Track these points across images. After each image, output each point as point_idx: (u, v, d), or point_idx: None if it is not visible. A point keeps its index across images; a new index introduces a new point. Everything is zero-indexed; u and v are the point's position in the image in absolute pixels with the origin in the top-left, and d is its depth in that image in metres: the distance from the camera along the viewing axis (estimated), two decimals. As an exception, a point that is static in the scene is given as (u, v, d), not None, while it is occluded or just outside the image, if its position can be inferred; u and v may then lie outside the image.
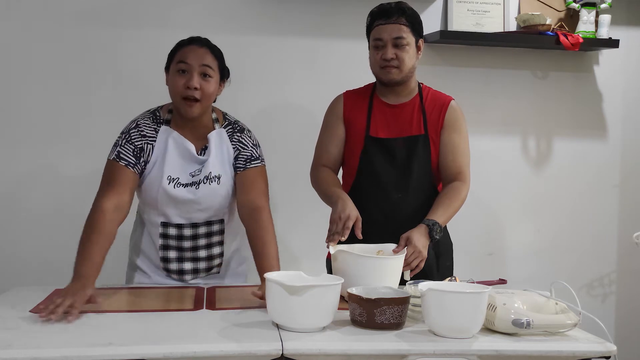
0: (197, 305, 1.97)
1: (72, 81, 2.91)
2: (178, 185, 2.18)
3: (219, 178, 2.21)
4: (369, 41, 2.37)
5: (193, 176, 2.19)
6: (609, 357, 1.71)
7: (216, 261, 2.31)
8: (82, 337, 1.64)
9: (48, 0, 2.87)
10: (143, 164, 2.18)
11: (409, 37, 2.29)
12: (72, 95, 2.91)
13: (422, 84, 2.44)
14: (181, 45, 2.20)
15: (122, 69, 2.94)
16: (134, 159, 2.16)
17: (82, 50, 2.91)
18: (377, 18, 2.33)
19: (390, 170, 2.35)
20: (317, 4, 3.05)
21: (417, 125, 2.36)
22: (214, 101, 2.25)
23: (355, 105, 2.41)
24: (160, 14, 2.95)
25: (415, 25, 2.32)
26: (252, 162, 2.25)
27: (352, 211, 2.13)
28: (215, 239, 2.28)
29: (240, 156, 2.24)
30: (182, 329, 1.72)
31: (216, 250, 2.30)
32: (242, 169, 2.24)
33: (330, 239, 2.10)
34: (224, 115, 2.31)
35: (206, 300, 2.04)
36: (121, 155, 2.16)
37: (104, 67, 2.93)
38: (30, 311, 1.86)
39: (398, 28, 2.28)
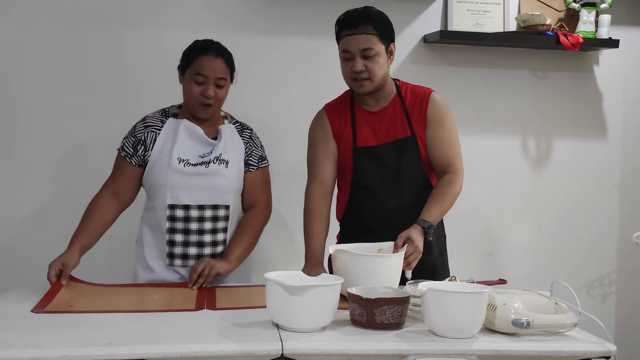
0: (198, 305, 1.97)
1: (72, 81, 2.91)
2: (188, 165, 2.30)
3: (227, 162, 2.33)
4: (339, 49, 2.30)
5: (203, 157, 2.32)
6: (609, 357, 1.71)
7: (219, 248, 2.34)
8: (82, 337, 1.64)
9: (48, 0, 2.87)
10: (142, 153, 2.33)
11: (377, 46, 2.21)
12: (71, 95, 2.91)
13: (398, 80, 2.38)
14: (198, 51, 2.33)
15: (122, 68, 2.94)
16: (132, 150, 2.34)
17: (82, 50, 2.91)
18: (343, 28, 2.24)
19: (382, 177, 2.31)
20: (317, 3, 3.05)
21: (402, 127, 2.31)
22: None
23: (338, 118, 2.36)
24: (160, 14, 2.95)
25: (384, 32, 2.24)
26: (262, 162, 2.43)
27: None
28: (220, 224, 2.33)
29: (253, 155, 2.41)
30: (182, 329, 1.72)
31: (220, 236, 2.34)
32: (255, 168, 2.41)
33: None
34: (231, 115, 2.47)
35: (207, 300, 2.04)
36: (124, 147, 2.36)
37: (104, 67, 2.93)
38: (31, 311, 1.86)
39: (365, 39, 2.20)
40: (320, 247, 2.25)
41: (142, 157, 2.33)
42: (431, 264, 2.28)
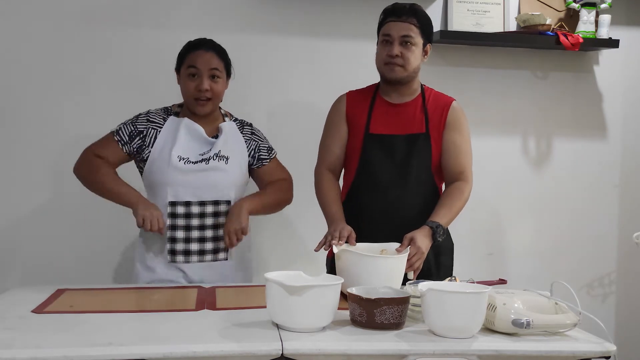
0: (198, 305, 1.97)
1: (72, 81, 2.91)
2: (188, 163, 2.31)
3: (227, 159, 2.34)
4: (378, 37, 2.39)
5: (203, 155, 2.33)
6: (609, 357, 1.71)
7: (222, 244, 2.35)
8: (82, 337, 1.64)
9: (48, 0, 2.87)
10: (136, 144, 2.34)
11: (417, 38, 2.32)
12: (71, 95, 2.91)
13: (424, 85, 2.45)
14: (190, 49, 2.37)
15: (122, 68, 2.94)
16: (127, 138, 2.35)
17: (83, 50, 2.91)
18: (389, 15, 2.36)
19: (389, 167, 2.35)
20: (318, 3, 3.05)
21: (419, 123, 2.36)
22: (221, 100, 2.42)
23: (357, 104, 2.42)
24: (160, 14, 2.95)
25: (425, 28, 2.35)
26: (271, 152, 2.49)
27: (345, 227, 2.17)
28: (222, 220, 2.35)
29: (261, 148, 2.46)
30: (182, 329, 1.72)
31: (222, 232, 2.34)
32: (267, 160, 2.46)
33: (320, 245, 2.14)
34: (230, 113, 2.49)
35: (207, 300, 2.04)
36: (119, 132, 2.36)
37: (104, 67, 2.93)
38: (32, 311, 1.86)
39: (407, 27, 2.31)
40: (339, 211, 2.32)
41: (133, 149, 2.34)
42: (425, 266, 2.26)
